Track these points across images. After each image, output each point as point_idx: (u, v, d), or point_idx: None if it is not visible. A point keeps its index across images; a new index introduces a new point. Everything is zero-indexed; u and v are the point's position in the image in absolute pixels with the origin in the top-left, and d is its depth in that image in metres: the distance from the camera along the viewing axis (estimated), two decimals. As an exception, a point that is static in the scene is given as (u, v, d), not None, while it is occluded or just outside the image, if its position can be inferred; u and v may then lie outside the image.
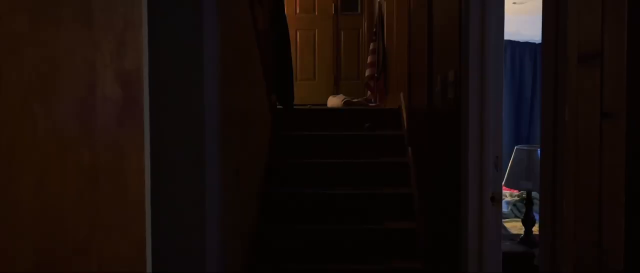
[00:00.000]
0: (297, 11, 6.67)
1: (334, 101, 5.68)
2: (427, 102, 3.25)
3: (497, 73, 2.31)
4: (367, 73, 5.68)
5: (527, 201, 3.11)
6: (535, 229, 3.00)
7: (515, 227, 3.52)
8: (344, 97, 5.60)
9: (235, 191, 2.60)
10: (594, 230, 1.09)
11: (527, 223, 3.08)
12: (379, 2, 5.50)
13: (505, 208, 4.01)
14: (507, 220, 3.72)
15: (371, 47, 5.57)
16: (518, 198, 4.22)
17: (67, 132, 0.74)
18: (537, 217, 2.99)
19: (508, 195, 4.24)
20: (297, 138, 4.31)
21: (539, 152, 2.62)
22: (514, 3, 4.72)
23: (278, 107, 4.67)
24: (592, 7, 1.09)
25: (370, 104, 5.51)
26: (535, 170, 3.00)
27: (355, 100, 5.54)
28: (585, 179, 1.14)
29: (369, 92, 5.81)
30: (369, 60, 5.62)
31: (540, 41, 1.48)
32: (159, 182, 1.21)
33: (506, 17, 2.34)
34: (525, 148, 3.23)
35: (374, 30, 5.58)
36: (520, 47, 5.63)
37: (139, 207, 1.00)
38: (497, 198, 2.32)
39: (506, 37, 2.44)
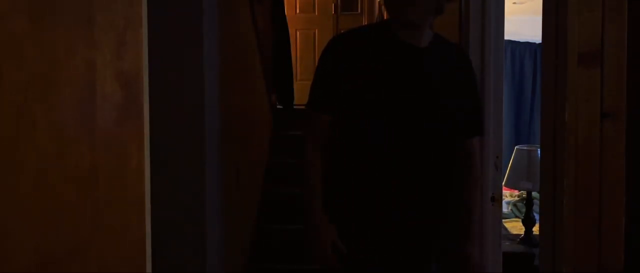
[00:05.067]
0: (297, 11, 6.67)
1: (334, 101, 5.67)
2: (427, 102, 3.24)
3: (497, 73, 2.31)
4: (367, 73, 5.66)
5: (527, 201, 3.11)
6: (535, 229, 3.00)
7: (515, 227, 3.52)
8: (344, 97, 5.58)
9: (235, 191, 2.60)
10: (594, 230, 1.09)
11: (527, 223, 3.08)
12: (379, 2, 5.50)
13: (505, 208, 4.00)
14: (507, 220, 3.72)
15: (371, 47, 5.56)
16: (518, 198, 4.21)
17: (67, 132, 0.74)
18: (537, 217, 2.98)
19: (508, 195, 4.23)
20: (297, 138, 4.30)
21: (539, 152, 2.62)
22: (514, 3, 4.72)
23: (278, 106, 4.67)
24: (592, 7, 1.09)
25: (370, 104, 5.49)
26: (535, 170, 2.99)
27: (355, 100, 5.52)
28: (585, 179, 1.14)
29: (369, 92, 5.79)
30: (369, 60, 5.61)
31: (540, 41, 1.48)
32: (159, 182, 1.21)
33: (506, 17, 2.33)
34: (525, 148, 3.23)
35: (374, 30, 5.56)
36: (520, 47, 5.61)
37: (139, 207, 1.00)
38: (497, 198, 2.32)
39: (506, 37, 2.43)
